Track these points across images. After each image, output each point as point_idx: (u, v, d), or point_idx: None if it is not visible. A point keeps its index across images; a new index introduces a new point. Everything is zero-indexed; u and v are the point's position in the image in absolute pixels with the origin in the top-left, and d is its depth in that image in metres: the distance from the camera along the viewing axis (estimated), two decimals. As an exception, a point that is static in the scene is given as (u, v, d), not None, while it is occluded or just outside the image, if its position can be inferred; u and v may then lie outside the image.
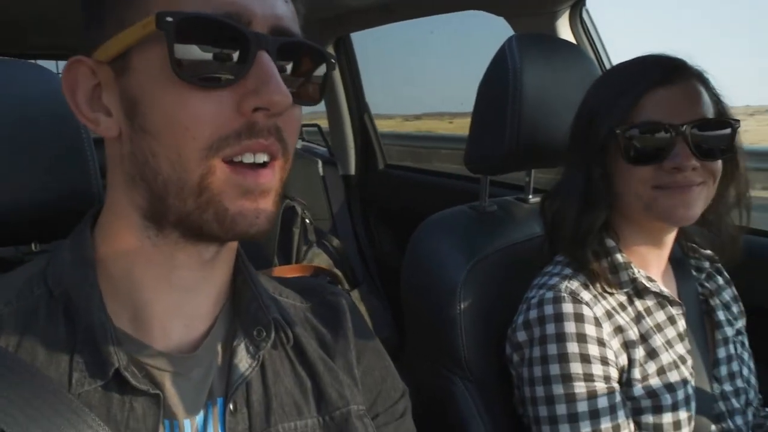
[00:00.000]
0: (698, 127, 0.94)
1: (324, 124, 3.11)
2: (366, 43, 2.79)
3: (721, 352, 1.07)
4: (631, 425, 0.94)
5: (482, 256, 1.18)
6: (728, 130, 0.97)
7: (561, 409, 0.93)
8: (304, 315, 0.77)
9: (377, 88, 2.87)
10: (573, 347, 0.93)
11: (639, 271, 1.01)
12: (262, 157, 0.57)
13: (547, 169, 1.36)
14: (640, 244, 1.04)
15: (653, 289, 1.02)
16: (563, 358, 0.93)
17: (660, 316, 1.02)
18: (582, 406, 0.92)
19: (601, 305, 0.98)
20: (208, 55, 0.54)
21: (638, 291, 1.02)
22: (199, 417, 0.62)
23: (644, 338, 0.99)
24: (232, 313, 0.69)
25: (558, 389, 0.93)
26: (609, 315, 0.98)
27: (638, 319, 1.00)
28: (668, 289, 1.04)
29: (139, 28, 0.54)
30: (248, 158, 0.56)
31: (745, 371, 1.09)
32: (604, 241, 1.02)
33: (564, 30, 1.66)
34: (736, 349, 1.09)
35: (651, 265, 1.05)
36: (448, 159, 6.14)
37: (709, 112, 0.96)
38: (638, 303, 1.02)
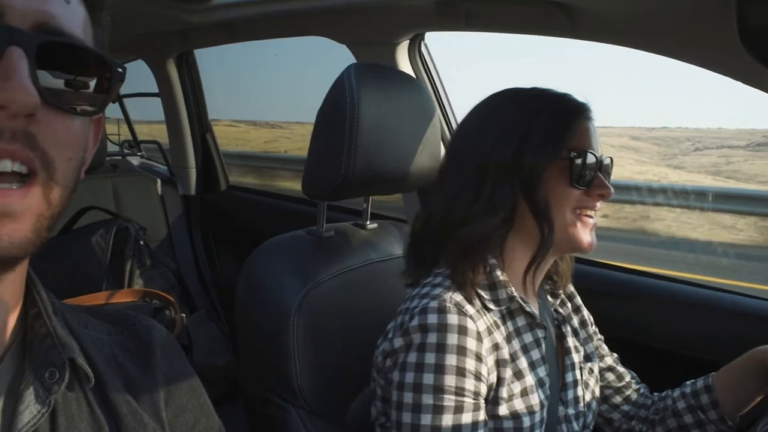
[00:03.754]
0: (607, 161, 1.05)
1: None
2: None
3: (569, 377, 1.11)
4: None
5: (317, 281, 1.18)
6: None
7: (426, 419, 0.91)
8: (111, 350, 0.70)
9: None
10: (451, 359, 0.91)
11: (515, 291, 1.03)
12: (7, 165, 0.49)
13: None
14: (522, 266, 1.05)
15: (527, 309, 1.04)
16: (439, 369, 0.91)
17: (528, 338, 1.04)
18: (447, 420, 0.90)
19: (483, 320, 0.97)
20: None
21: (510, 311, 1.04)
22: None
23: (513, 358, 0.99)
24: (23, 351, 0.61)
25: (428, 399, 0.91)
26: (489, 331, 0.97)
27: (509, 338, 1.01)
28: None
29: None
30: None
31: (588, 396, 1.13)
32: (486, 257, 1.03)
33: (403, 61, 1.72)
34: (582, 375, 1.13)
35: (524, 287, 1.08)
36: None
37: None
38: (510, 323, 1.03)
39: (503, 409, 0.96)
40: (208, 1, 1.84)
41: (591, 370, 1.17)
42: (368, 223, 1.41)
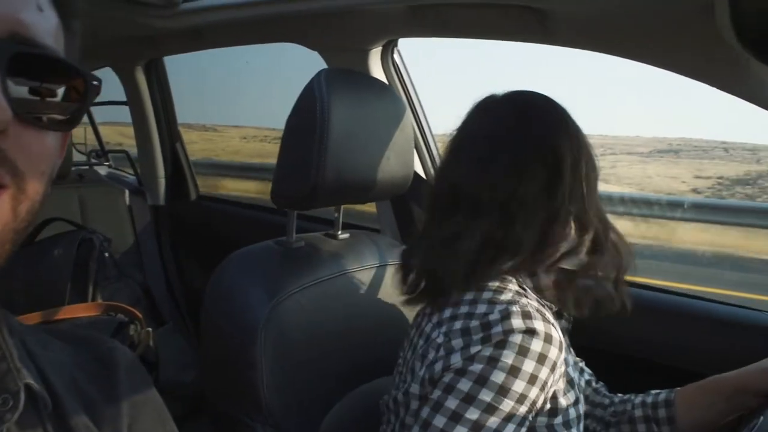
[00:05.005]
0: None
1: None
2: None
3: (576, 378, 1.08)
4: None
5: (287, 293, 1.14)
6: None
7: (472, 413, 0.84)
8: (72, 373, 0.65)
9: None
10: (529, 365, 0.85)
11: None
12: None
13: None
14: (549, 280, 1.03)
15: (564, 326, 1.03)
16: (514, 371, 0.85)
17: (565, 341, 1.01)
18: (492, 422, 0.84)
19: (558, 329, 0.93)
20: None
21: None
22: None
23: (566, 364, 0.96)
24: None
25: (486, 395, 0.84)
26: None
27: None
28: None
29: None
30: None
31: (582, 396, 1.08)
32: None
33: (375, 67, 1.69)
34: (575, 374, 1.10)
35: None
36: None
37: None
38: None
39: (558, 419, 0.93)
40: (175, 7, 1.79)
41: (582, 370, 1.17)
42: (340, 233, 1.37)
